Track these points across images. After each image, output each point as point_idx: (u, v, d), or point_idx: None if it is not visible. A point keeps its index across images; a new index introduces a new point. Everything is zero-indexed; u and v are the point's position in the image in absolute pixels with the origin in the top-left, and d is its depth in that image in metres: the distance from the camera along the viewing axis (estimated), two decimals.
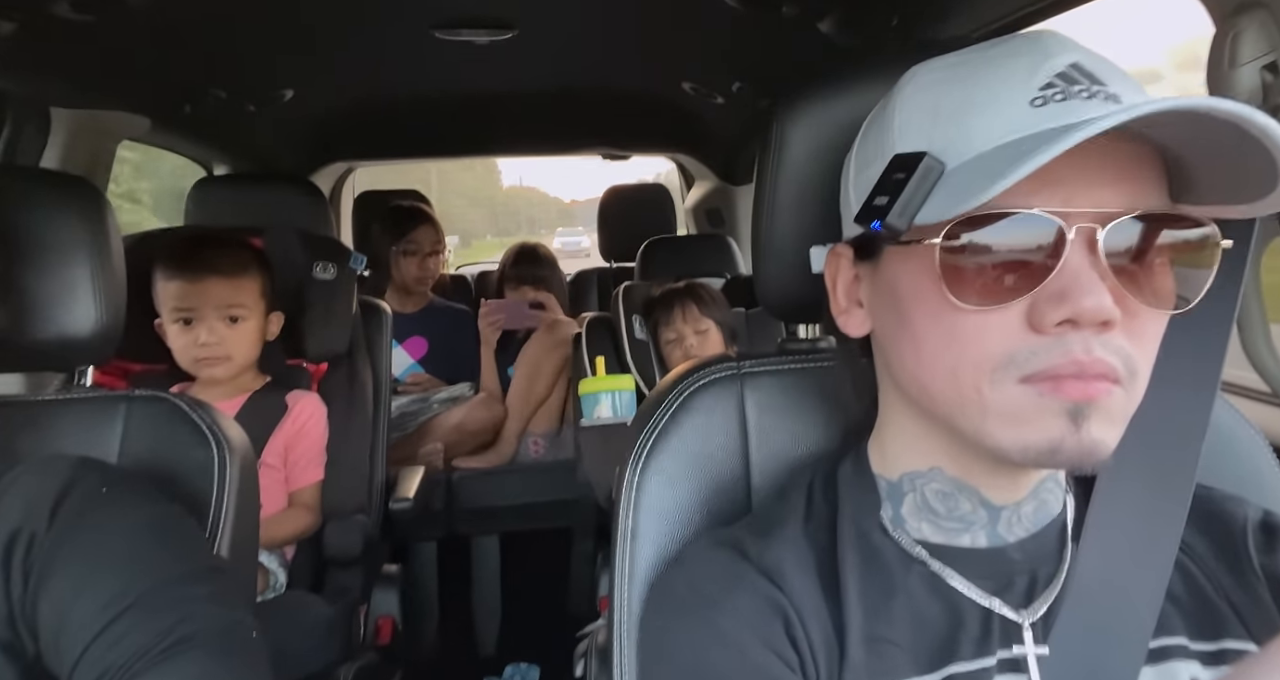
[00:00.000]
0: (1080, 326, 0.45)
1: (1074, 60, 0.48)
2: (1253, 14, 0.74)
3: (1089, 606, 0.52)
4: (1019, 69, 0.49)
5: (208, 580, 0.69)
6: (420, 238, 2.42)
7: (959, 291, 0.47)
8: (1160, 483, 0.55)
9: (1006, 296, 0.46)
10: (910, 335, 0.51)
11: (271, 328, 1.51)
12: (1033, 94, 0.47)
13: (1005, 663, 0.51)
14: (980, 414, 0.48)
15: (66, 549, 0.64)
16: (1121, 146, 0.47)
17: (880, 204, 0.49)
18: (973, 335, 0.48)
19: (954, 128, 0.49)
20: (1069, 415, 0.46)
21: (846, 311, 0.59)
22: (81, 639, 0.62)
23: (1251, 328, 0.79)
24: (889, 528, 0.57)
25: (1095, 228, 0.45)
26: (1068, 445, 0.46)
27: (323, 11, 1.43)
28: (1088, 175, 0.46)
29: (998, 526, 0.55)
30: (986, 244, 0.47)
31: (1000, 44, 0.52)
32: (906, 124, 0.52)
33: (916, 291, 0.50)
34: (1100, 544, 0.54)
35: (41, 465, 0.70)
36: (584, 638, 1.38)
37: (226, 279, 1.41)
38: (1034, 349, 0.46)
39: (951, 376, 0.49)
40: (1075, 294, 0.44)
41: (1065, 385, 0.45)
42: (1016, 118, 0.47)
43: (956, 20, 1.21)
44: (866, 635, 0.52)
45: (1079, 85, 0.47)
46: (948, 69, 0.53)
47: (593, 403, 1.55)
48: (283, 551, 1.47)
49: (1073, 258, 0.45)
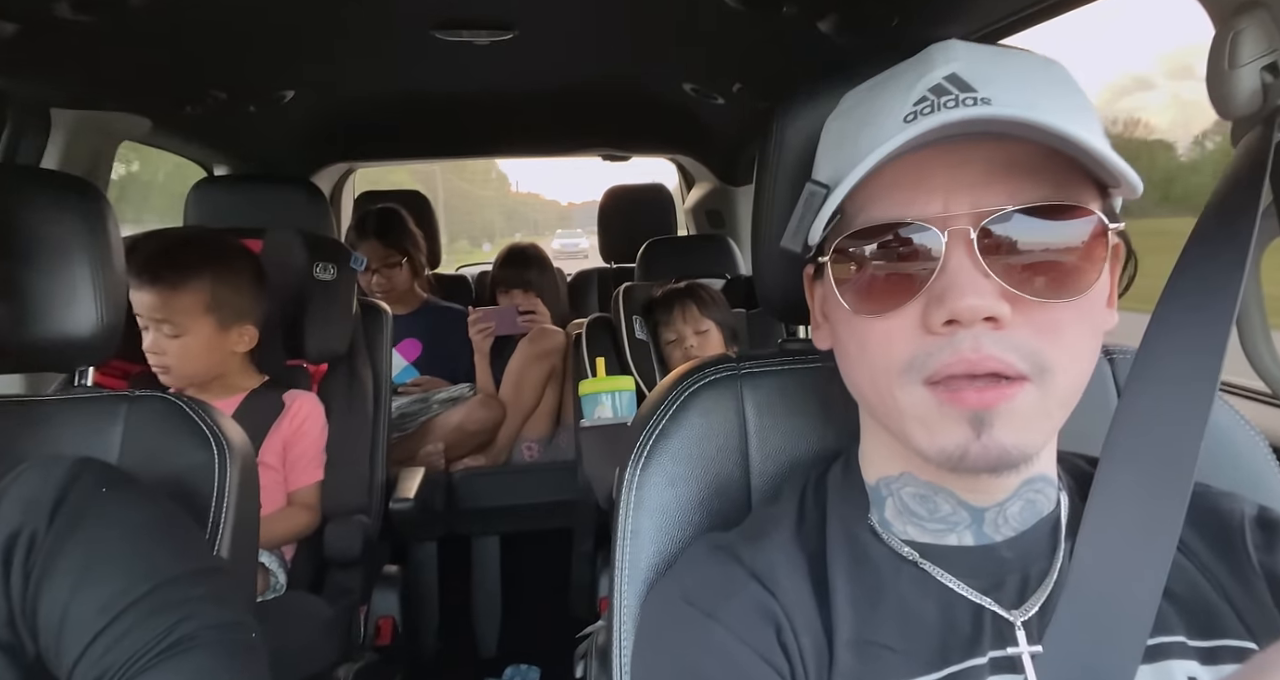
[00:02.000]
0: (967, 325, 0.47)
1: (951, 71, 0.50)
2: (1253, 14, 0.74)
3: (1084, 604, 0.52)
4: (900, 88, 0.51)
5: (207, 580, 0.69)
6: (365, 253, 2.28)
7: (855, 301, 0.51)
8: (1159, 481, 0.55)
9: (899, 302, 0.49)
10: (840, 346, 0.56)
11: (240, 340, 1.44)
12: (906, 110, 0.49)
13: (998, 661, 0.51)
14: (900, 418, 0.51)
15: (66, 549, 0.64)
16: (1003, 148, 0.48)
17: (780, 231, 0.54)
18: (879, 341, 0.50)
19: (847, 150, 0.53)
20: (969, 423, 0.47)
21: (819, 327, 0.62)
22: (81, 639, 0.62)
23: (1251, 329, 0.79)
24: (879, 530, 0.57)
25: (969, 229, 0.47)
26: (973, 451, 0.47)
27: (323, 12, 1.43)
28: (964, 178, 0.48)
29: (983, 526, 0.55)
30: (872, 254, 0.50)
31: (900, 63, 0.54)
32: (821, 153, 0.58)
33: (834, 304, 0.54)
34: (1097, 542, 0.54)
35: (42, 466, 0.70)
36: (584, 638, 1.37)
37: (158, 291, 1.34)
38: (929, 350, 0.48)
39: (870, 382, 0.52)
40: (953, 294, 0.46)
41: (962, 395, 0.47)
42: (889, 134, 0.49)
43: (956, 21, 1.21)
44: (856, 639, 0.52)
45: (948, 95, 0.49)
46: (857, 94, 0.57)
47: (593, 403, 1.55)
48: (283, 552, 1.47)
49: (952, 259, 0.47)
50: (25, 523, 0.65)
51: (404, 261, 2.43)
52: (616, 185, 3.04)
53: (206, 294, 1.38)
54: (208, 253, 1.41)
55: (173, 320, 1.36)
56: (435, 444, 2.16)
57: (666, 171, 3.33)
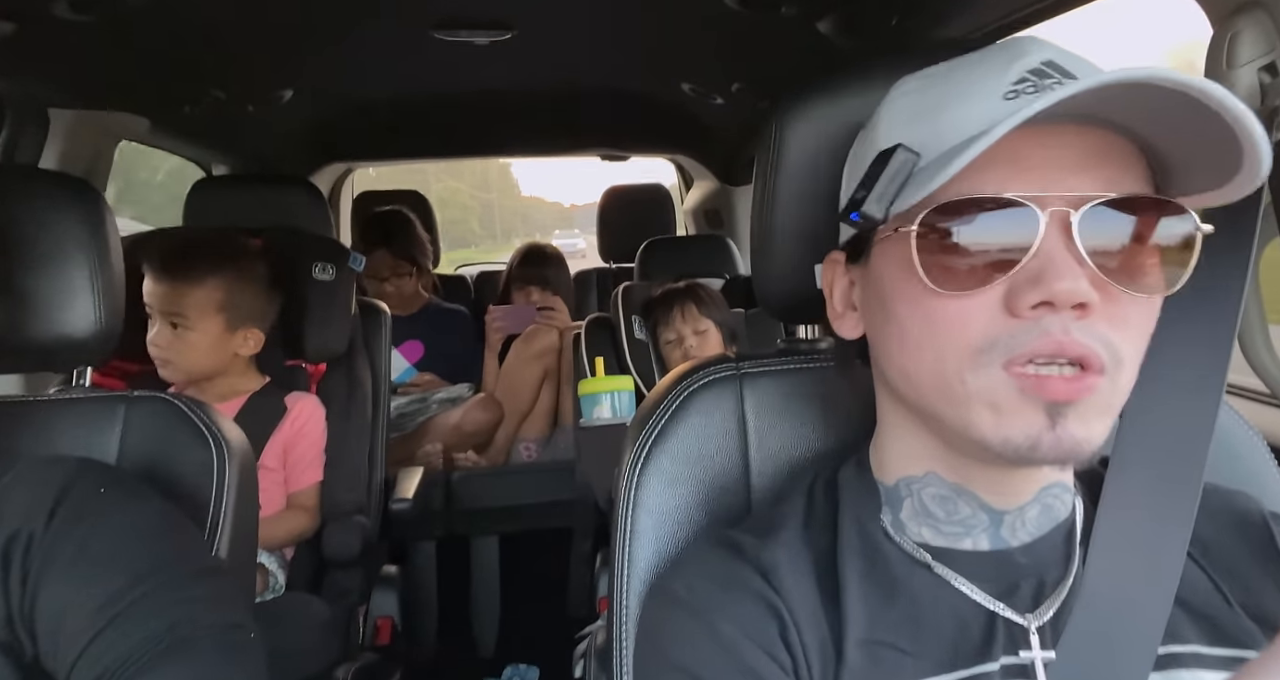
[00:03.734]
0: (1057, 309, 0.45)
1: (1048, 58, 0.49)
2: (1251, 15, 0.74)
3: (1098, 611, 0.51)
4: (993, 68, 0.50)
5: (206, 582, 0.69)
6: (375, 263, 2.30)
7: (936, 278, 0.48)
8: (1168, 484, 0.55)
9: (983, 281, 0.47)
10: (896, 327, 0.52)
11: (245, 343, 1.44)
12: (1005, 88, 0.48)
13: (1010, 668, 0.51)
14: (964, 403, 0.48)
15: (64, 549, 0.64)
16: (1098, 135, 0.48)
17: (859, 197, 0.50)
18: (954, 321, 0.48)
19: (931, 124, 0.51)
20: (1046, 411, 0.46)
21: (842, 316, 0.60)
22: (80, 639, 0.62)
23: (1250, 329, 0.79)
24: (891, 532, 0.57)
25: (1069, 211, 0.46)
26: (1045, 441, 0.46)
27: (322, 12, 1.43)
28: (1063, 161, 0.47)
29: (1000, 530, 0.54)
30: (962, 229, 0.48)
31: (981, 50, 0.54)
32: (889, 126, 0.54)
33: (898, 282, 0.51)
34: (1110, 548, 0.53)
35: (41, 466, 0.70)
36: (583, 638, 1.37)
37: (170, 284, 1.36)
38: (1013, 332, 0.46)
39: (935, 364, 0.49)
40: (1050, 277, 0.45)
41: (1049, 383, 0.46)
42: (989, 110, 0.48)
43: (956, 21, 1.21)
44: (867, 639, 0.52)
45: (1050, 79, 0.48)
46: (929, 75, 0.55)
47: (592, 403, 1.55)
48: (282, 552, 1.47)
49: (1048, 241, 0.46)
50: (24, 523, 0.65)
51: (414, 271, 2.42)
52: (616, 185, 3.04)
53: (221, 293, 1.39)
54: (229, 253, 1.43)
55: (183, 314, 1.37)
56: (434, 444, 2.16)
57: (666, 171, 3.33)
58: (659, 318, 1.89)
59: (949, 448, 0.53)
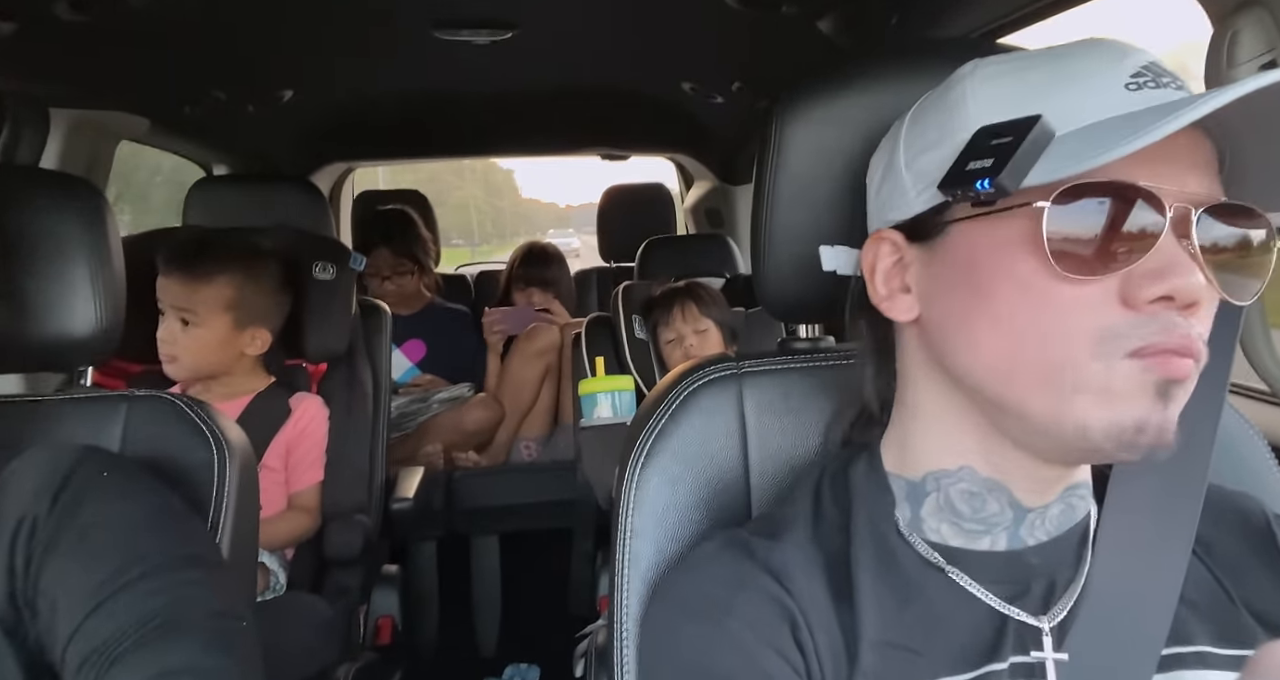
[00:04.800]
0: (1173, 305, 0.45)
1: (1151, 59, 0.49)
2: (1251, 13, 0.74)
3: (1105, 611, 0.51)
4: (1104, 58, 0.50)
5: (204, 568, 0.69)
6: (376, 261, 2.32)
7: (1061, 259, 0.46)
8: (1172, 484, 0.54)
9: (1105, 268, 0.46)
10: (991, 309, 0.50)
11: (252, 342, 1.45)
12: (1125, 79, 0.48)
13: (1018, 667, 0.51)
14: (1072, 390, 0.47)
15: (66, 531, 0.65)
16: (1198, 138, 0.48)
17: (977, 168, 0.47)
18: (1068, 306, 0.47)
19: (1044, 104, 0.48)
20: (1158, 392, 0.46)
21: (889, 298, 0.57)
22: (74, 618, 0.62)
23: (1251, 328, 0.79)
24: (904, 531, 0.56)
25: (1190, 208, 0.46)
26: (1152, 423, 0.46)
27: (322, 12, 1.43)
28: (1178, 159, 0.47)
29: (1020, 529, 0.54)
30: (1089, 214, 0.46)
31: (1066, 45, 0.52)
32: (985, 103, 0.51)
33: (1001, 262, 0.49)
34: (1115, 548, 0.53)
35: (45, 453, 0.71)
36: (584, 638, 1.37)
37: (182, 281, 1.37)
38: (1133, 324, 0.46)
39: (1040, 350, 0.48)
40: (1173, 272, 0.45)
41: (1172, 362, 0.45)
42: (1113, 97, 0.47)
43: (956, 20, 1.21)
44: (881, 641, 0.51)
45: (1165, 77, 0.48)
46: (1017, 60, 0.53)
47: (592, 403, 1.55)
48: (283, 551, 1.47)
49: (1169, 237, 0.46)
50: (29, 508, 0.66)
51: (415, 269, 2.43)
52: (616, 185, 3.04)
53: (231, 291, 1.40)
54: (242, 252, 1.44)
55: (193, 311, 1.38)
56: (434, 444, 2.16)
57: (666, 171, 3.34)
58: (659, 317, 1.89)
59: (998, 440, 0.52)
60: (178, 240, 1.42)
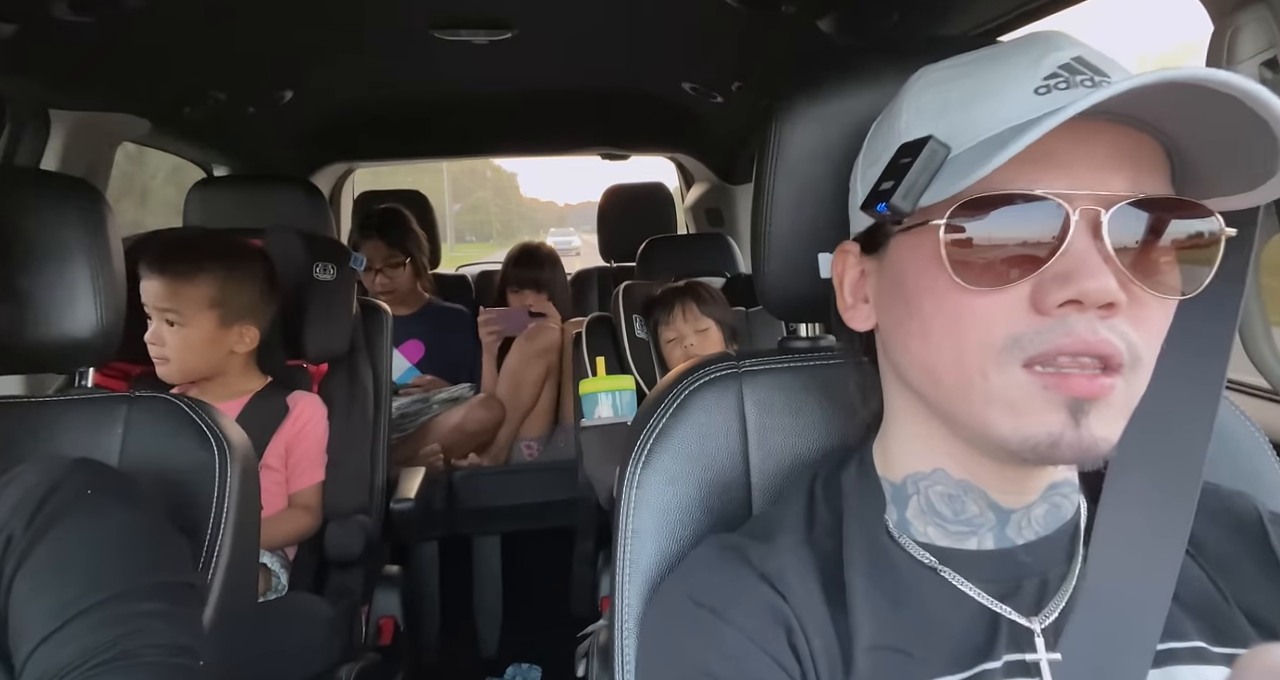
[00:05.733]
0: (1084, 308, 0.45)
1: (1078, 54, 0.49)
2: (1252, 9, 0.74)
3: (1100, 610, 0.51)
4: (1024, 61, 0.50)
5: (168, 597, 0.68)
6: (368, 253, 2.32)
7: (963, 273, 0.47)
8: (1168, 482, 0.54)
9: (1011, 278, 0.46)
10: (918, 321, 0.51)
11: (241, 340, 1.45)
12: (1037, 83, 0.48)
13: (1012, 666, 0.51)
14: (984, 401, 0.48)
15: (37, 550, 0.65)
16: (1127, 134, 0.47)
17: (885, 188, 0.49)
18: (979, 317, 0.47)
19: (960, 116, 0.50)
20: (1069, 410, 0.46)
21: (853, 307, 0.59)
22: (31, 640, 0.62)
23: (1251, 325, 0.79)
24: (895, 533, 0.56)
25: (1099, 211, 0.45)
26: (1067, 440, 0.46)
27: (322, 12, 1.43)
28: (1093, 160, 0.47)
29: (1006, 529, 0.54)
30: (991, 225, 0.47)
31: (1006, 44, 0.53)
32: (915, 117, 0.53)
33: (922, 276, 0.50)
34: (1110, 546, 0.53)
35: (38, 466, 0.70)
36: (585, 638, 1.37)
37: (164, 281, 1.37)
38: (1038, 330, 0.46)
39: (957, 360, 0.49)
40: (1079, 275, 0.45)
41: (1071, 380, 0.45)
42: (1020, 104, 0.48)
43: (956, 19, 1.21)
44: (875, 644, 0.51)
45: (1081, 75, 0.48)
46: (955, 66, 0.54)
47: (593, 403, 1.55)
48: (284, 552, 1.47)
49: (1077, 240, 0.45)
50: (8, 522, 0.65)
51: (407, 262, 2.43)
52: (616, 184, 3.04)
53: (214, 289, 1.40)
54: (221, 250, 1.44)
55: (178, 310, 1.38)
56: (433, 446, 2.16)
57: (666, 170, 3.34)
58: (660, 316, 1.89)
59: (962, 444, 0.53)
60: (157, 243, 1.42)
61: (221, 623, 0.84)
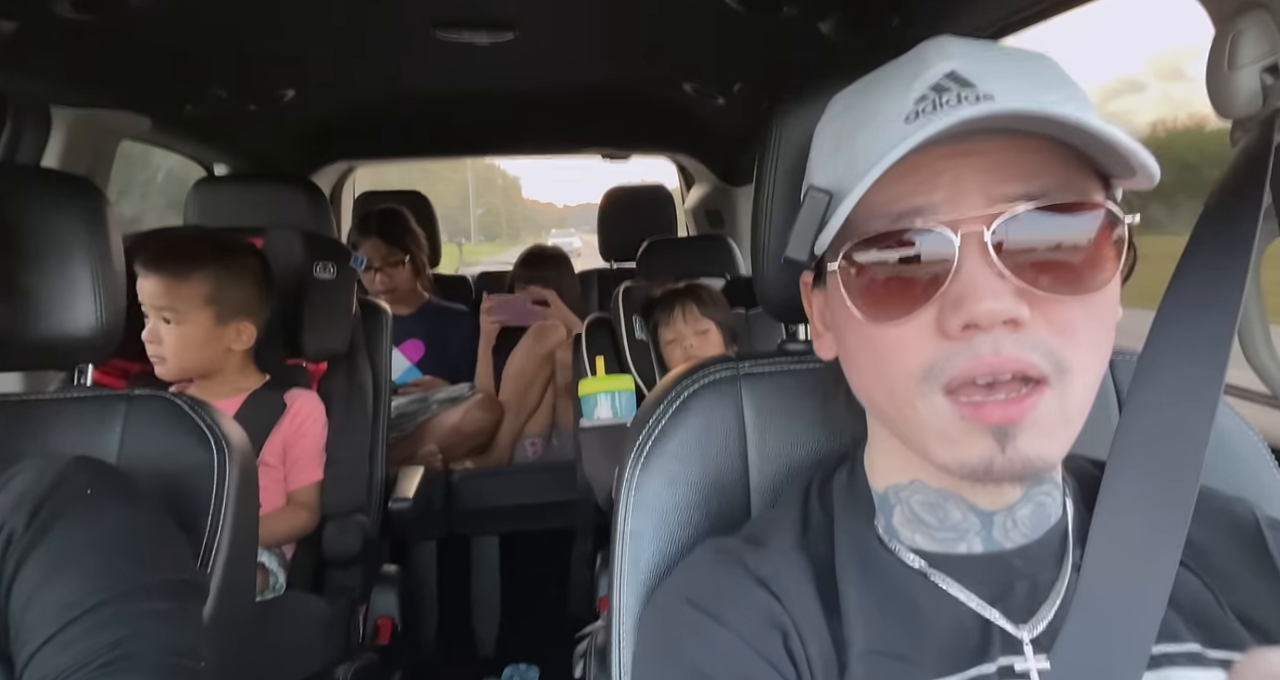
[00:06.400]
0: (986, 329, 0.45)
1: (950, 68, 0.49)
2: (1253, 15, 0.74)
3: (1093, 617, 0.51)
4: (897, 87, 0.50)
5: (170, 597, 0.68)
6: (368, 252, 2.34)
7: (868, 309, 0.49)
8: (1164, 487, 0.54)
9: (911, 308, 0.47)
10: (851, 356, 0.54)
11: (238, 337, 1.45)
12: (907, 109, 0.48)
13: (1005, 670, 0.51)
14: (919, 430, 0.49)
15: (37, 549, 0.65)
16: (1014, 141, 0.47)
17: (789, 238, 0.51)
18: (894, 349, 0.49)
19: (848, 154, 0.51)
20: (994, 436, 0.46)
21: (821, 336, 0.60)
22: (35, 640, 0.62)
23: (1251, 330, 0.79)
24: (885, 539, 0.57)
25: (982, 229, 0.46)
26: (998, 464, 0.47)
27: (324, 11, 1.43)
28: (973, 171, 0.47)
29: (993, 532, 0.54)
30: (883, 260, 0.48)
31: (893, 62, 0.53)
32: (816, 156, 0.56)
33: (841, 313, 0.52)
34: (1105, 551, 0.53)
35: (38, 464, 0.70)
36: (583, 638, 1.37)
37: (159, 279, 1.37)
38: (946, 355, 0.47)
39: (889, 394, 0.50)
40: (971, 298, 0.45)
41: (984, 410, 0.46)
42: (892, 135, 0.48)
43: (955, 21, 1.21)
44: (869, 650, 0.52)
45: (948, 93, 0.48)
46: (852, 94, 0.55)
47: (592, 403, 1.55)
48: (282, 551, 1.47)
49: (967, 262, 0.46)
50: (7, 521, 0.65)
51: (406, 260, 2.44)
52: (617, 185, 3.04)
53: (209, 286, 1.40)
54: (215, 247, 1.44)
55: (174, 308, 1.38)
56: (431, 446, 2.16)
57: (666, 171, 3.35)
58: (660, 318, 1.89)
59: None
60: (152, 241, 1.42)
61: (219, 622, 0.84)
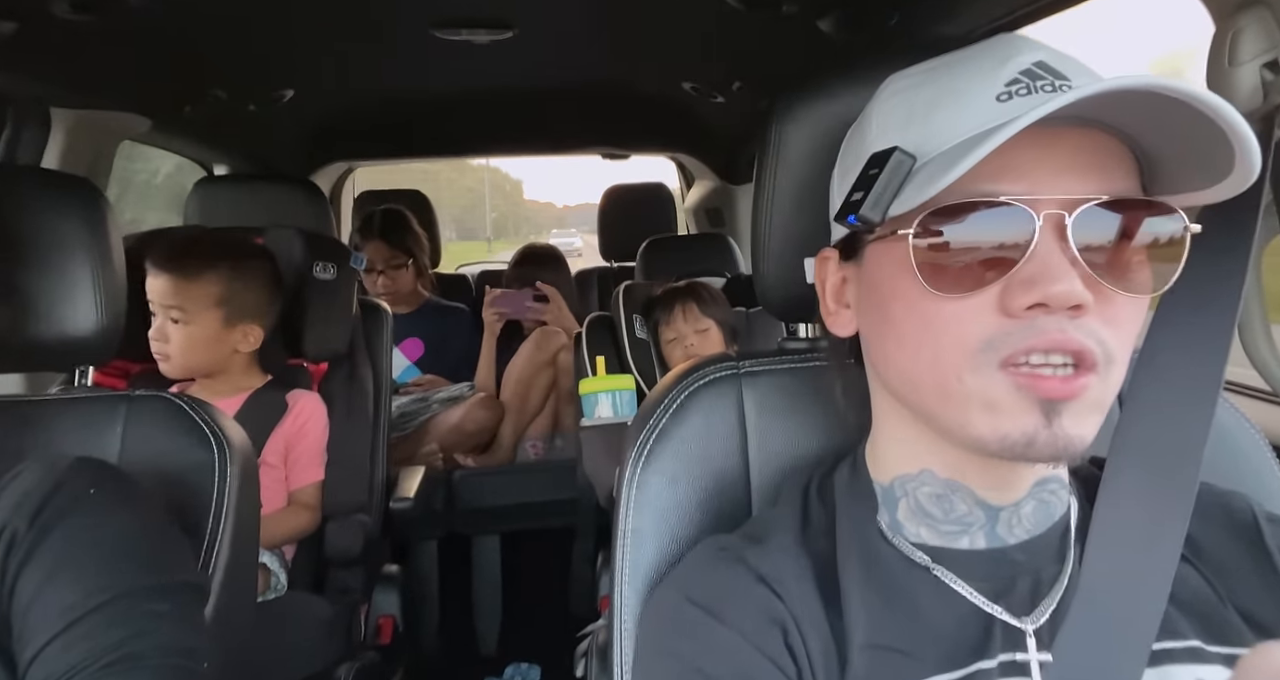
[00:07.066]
0: (1051, 311, 0.46)
1: (1039, 58, 0.50)
2: (1253, 11, 0.74)
3: (1095, 611, 0.51)
4: (985, 67, 0.50)
5: (173, 597, 0.68)
6: (370, 254, 2.34)
7: (933, 280, 0.49)
8: (1164, 483, 0.54)
9: (979, 283, 0.48)
10: (893, 328, 0.53)
11: (244, 339, 1.45)
12: (998, 90, 0.49)
13: (1007, 666, 0.51)
14: (961, 402, 0.49)
15: (41, 550, 0.65)
16: (1090, 136, 0.48)
17: (856, 200, 0.50)
18: (950, 322, 0.49)
19: (925, 125, 0.51)
20: (1042, 410, 0.47)
21: (835, 313, 0.60)
22: (38, 640, 0.62)
23: (1251, 327, 0.79)
24: (888, 533, 0.57)
25: (1063, 214, 0.46)
26: (1041, 439, 0.47)
27: (323, 11, 1.43)
28: (1055, 164, 0.48)
29: (997, 527, 0.54)
30: (958, 233, 0.48)
31: (970, 48, 0.54)
32: (882, 126, 0.55)
33: (895, 284, 0.52)
34: (1106, 546, 0.53)
35: (40, 464, 0.70)
36: (585, 637, 1.37)
37: (171, 278, 1.37)
38: (1009, 332, 0.47)
39: (933, 365, 0.50)
40: (1045, 279, 0.46)
41: (1044, 381, 0.46)
42: (982, 111, 0.48)
43: (956, 20, 1.21)
44: (870, 643, 0.52)
45: (1043, 80, 0.48)
46: (920, 73, 0.55)
47: (593, 403, 1.55)
48: (283, 551, 1.47)
49: (1042, 243, 0.46)
50: (10, 521, 0.65)
51: (409, 262, 2.44)
52: (617, 184, 3.04)
53: (219, 287, 1.40)
54: (229, 248, 1.44)
55: (183, 308, 1.38)
56: (432, 446, 2.16)
57: (666, 170, 3.34)
58: (660, 317, 1.89)
59: (944, 443, 0.53)
60: (165, 240, 1.42)
61: (220, 622, 0.84)
